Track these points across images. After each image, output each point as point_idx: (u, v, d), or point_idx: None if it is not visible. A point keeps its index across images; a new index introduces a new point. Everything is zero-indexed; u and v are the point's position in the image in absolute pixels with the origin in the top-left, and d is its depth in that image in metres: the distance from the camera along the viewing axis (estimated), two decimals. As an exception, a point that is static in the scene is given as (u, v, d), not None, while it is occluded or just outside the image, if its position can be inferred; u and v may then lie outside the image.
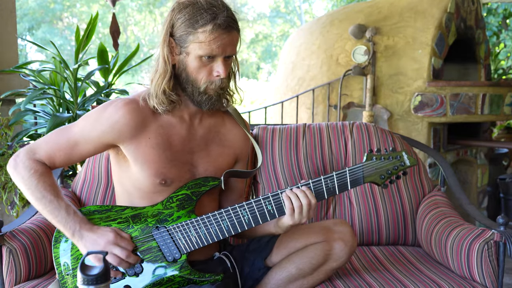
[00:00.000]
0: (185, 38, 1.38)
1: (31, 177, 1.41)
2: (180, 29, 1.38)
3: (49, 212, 1.41)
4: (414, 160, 1.48)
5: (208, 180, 1.50)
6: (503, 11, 7.06)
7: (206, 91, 1.43)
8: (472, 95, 3.70)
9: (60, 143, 1.44)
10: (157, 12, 14.57)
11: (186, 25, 1.37)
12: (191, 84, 1.42)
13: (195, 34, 1.36)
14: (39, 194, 1.41)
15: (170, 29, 1.40)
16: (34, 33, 13.24)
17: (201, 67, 1.40)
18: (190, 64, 1.40)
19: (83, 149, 1.45)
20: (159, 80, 1.41)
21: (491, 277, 1.58)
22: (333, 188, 1.45)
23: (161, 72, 1.41)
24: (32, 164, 1.42)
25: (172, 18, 1.40)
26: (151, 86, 1.44)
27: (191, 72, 1.41)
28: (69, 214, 1.41)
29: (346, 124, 2.14)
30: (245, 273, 1.59)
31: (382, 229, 2.00)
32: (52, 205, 1.41)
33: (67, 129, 1.47)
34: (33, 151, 1.44)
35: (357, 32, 3.80)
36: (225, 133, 1.59)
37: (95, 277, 1.00)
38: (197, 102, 1.45)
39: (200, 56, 1.38)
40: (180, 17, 1.38)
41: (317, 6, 15.54)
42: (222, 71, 1.40)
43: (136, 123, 1.42)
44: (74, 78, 2.66)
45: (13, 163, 1.44)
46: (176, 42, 1.40)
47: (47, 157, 1.44)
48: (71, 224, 1.41)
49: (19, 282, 1.61)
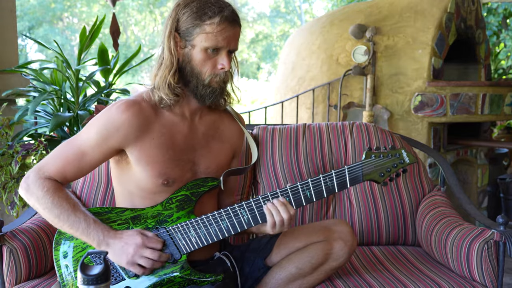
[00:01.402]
0: (191, 31, 1.40)
1: (45, 196, 1.40)
2: (186, 23, 1.41)
3: (70, 227, 1.41)
4: (414, 158, 1.48)
5: (207, 180, 1.51)
6: (503, 10, 7.06)
7: (210, 84, 1.44)
8: (472, 95, 3.70)
9: (67, 157, 1.43)
10: (157, 12, 14.57)
11: (193, 17, 1.40)
12: (196, 77, 1.44)
13: (202, 26, 1.39)
14: (57, 211, 1.40)
15: (175, 24, 1.42)
16: (34, 32, 13.23)
17: (206, 59, 1.42)
18: (195, 57, 1.42)
19: (91, 159, 1.44)
20: (165, 72, 1.43)
21: (491, 276, 1.58)
22: (332, 187, 1.45)
23: (167, 64, 1.43)
24: (44, 183, 1.41)
25: (177, 13, 1.42)
26: (154, 80, 1.45)
27: (196, 64, 1.43)
28: (89, 225, 1.40)
29: (346, 124, 2.14)
30: (245, 273, 1.59)
31: (382, 229, 2.00)
32: (71, 219, 1.40)
33: (71, 141, 1.46)
34: (42, 170, 1.44)
35: (357, 32, 3.80)
36: (224, 129, 1.60)
37: (95, 277, 1.00)
38: (201, 95, 1.46)
39: (206, 48, 1.41)
40: (187, 11, 1.41)
41: (317, 6, 15.54)
42: (227, 63, 1.43)
43: (140, 125, 1.42)
44: (76, 78, 2.66)
45: (25, 186, 1.43)
46: (181, 36, 1.42)
47: (57, 173, 1.43)
48: (94, 234, 1.40)
49: (20, 282, 1.61)
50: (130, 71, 3.30)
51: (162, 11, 14.42)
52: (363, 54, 3.77)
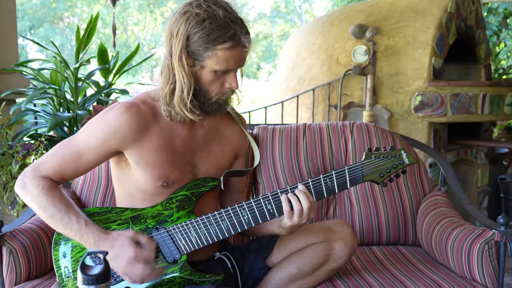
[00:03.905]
0: (202, 53, 1.36)
1: (40, 194, 1.39)
2: (197, 44, 1.35)
3: (64, 227, 1.40)
4: (413, 159, 1.48)
5: (207, 180, 1.50)
6: (503, 10, 7.06)
7: (217, 101, 1.43)
8: (473, 95, 3.70)
9: (64, 157, 1.43)
10: (157, 12, 14.56)
11: (205, 40, 1.34)
12: (203, 95, 1.42)
13: (213, 50, 1.35)
14: (50, 211, 1.39)
15: (185, 42, 1.36)
16: (35, 32, 13.24)
17: (214, 80, 1.40)
18: (204, 77, 1.39)
19: (88, 159, 1.43)
20: (184, 95, 1.38)
21: (492, 277, 1.58)
22: (332, 187, 1.45)
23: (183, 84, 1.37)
24: (40, 181, 1.41)
25: (188, 30, 1.35)
26: (166, 97, 1.41)
27: (203, 84, 1.40)
28: (81, 227, 1.39)
29: (346, 124, 2.14)
30: (245, 273, 1.59)
31: (382, 229, 1.99)
32: (64, 220, 1.39)
33: (69, 141, 1.45)
34: (39, 168, 1.43)
35: (357, 32, 3.79)
36: (224, 131, 1.59)
37: (95, 277, 1.00)
38: (206, 111, 1.45)
39: (215, 71, 1.38)
40: (197, 31, 1.34)
41: (317, 6, 15.54)
42: (235, 84, 1.41)
43: (138, 128, 1.41)
44: (74, 77, 2.66)
45: (21, 183, 1.42)
46: (190, 54, 1.37)
47: (54, 172, 1.43)
48: (86, 237, 1.39)
49: (19, 282, 1.61)
50: (131, 71, 3.30)
51: (162, 11, 14.42)
52: (363, 54, 3.77)
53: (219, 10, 1.35)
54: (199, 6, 1.35)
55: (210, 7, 1.35)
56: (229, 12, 1.37)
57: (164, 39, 1.43)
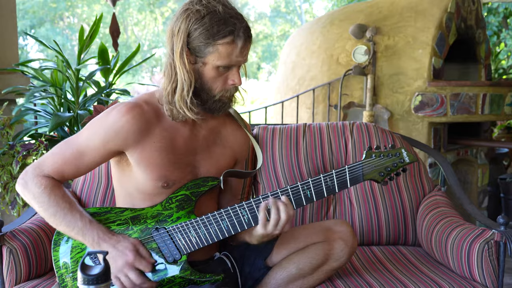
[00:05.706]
0: (203, 49, 1.36)
1: (42, 193, 1.39)
2: (198, 40, 1.36)
3: (66, 226, 1.40)
4: (414, 157, 1.48)
5: (207, 180, 1.50)
6: (503, 10, 7.06)
7: (220, 99, 1.43)
8: (473, 95, 3.69)
9: (66, 156, 1.43)
10: (157, 12, 14.56)
11: (205, 36, 1.35)
12: (206, 93, 1.42)
13: (214, 45, 1.35)
14: (52, 209, 1.39)
15: (186, 38, 1.36)
16: (35, 31, 13.24)
17: (217, 76, 1.40)
18: (207, 74, 1.40)
19: (89, 159, 1.43)
20: (184, 93, 1.38)
21: (492, 277, 1.58)
22: (332, 187, 1.45)
23: (184, 82, 1.37)
24: (41, 180, 1.41)
25: (188, 26, 1.36)
26: (168, 96, 1.41)
27: (206, 81, 1.41)
28: (85, 225, 1.39)
29: (347, 124, 2.14)
30: (245, 273, 1.59)
31: (382, 229, 2.00)
32: (67, 218, 1.39)
33: (71, 140, 1.45)
34: (40, 167, 1.43)
35: (358, 31, 3.79)
36: (226, 134, 1.59)
37: (95, 277, 1.00)
38: (210, 109, 1.45)
39: (217, 67, 1.38)
40: (198, 27, 1.35)
41: (317, 6, 15.54)
42: (238, 80, 1.41)
43: (140, 128, 1.41)
44: (76, 77, 2.66)
45: (22, 182, 1.42)
46: (191, 51, 1.38)
47: (55, 172, 1.43)
48: (89, 235, 1.39)
49: (19, 282, 1.61)
50: (131, 71, 3.30)
51: (162, 11, 14.42)
52: (364, 54, 3.77)
53: (219, 5, 1.36)
54: (199, 3, 1.37)
55: (210, 3, 1.36)
56: (229, 7, 1.38)
57: (166, 39, 1.43)
